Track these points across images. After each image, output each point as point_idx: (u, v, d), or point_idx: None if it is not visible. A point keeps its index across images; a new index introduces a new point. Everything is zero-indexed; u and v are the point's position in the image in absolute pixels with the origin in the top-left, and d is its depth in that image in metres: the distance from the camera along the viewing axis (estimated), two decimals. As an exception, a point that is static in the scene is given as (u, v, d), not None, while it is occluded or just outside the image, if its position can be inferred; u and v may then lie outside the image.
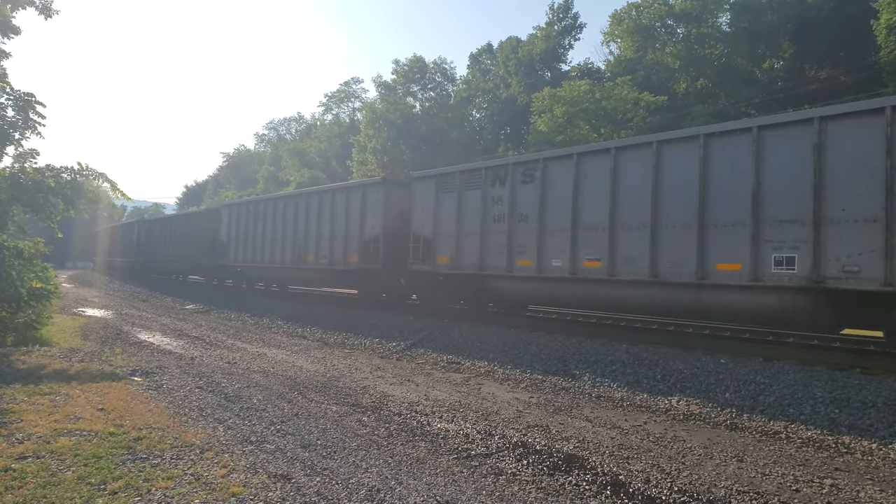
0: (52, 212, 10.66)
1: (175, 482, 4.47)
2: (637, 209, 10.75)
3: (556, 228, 12.07)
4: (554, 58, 47.35)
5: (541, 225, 12.34)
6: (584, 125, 33.38)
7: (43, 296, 10.92)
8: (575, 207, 11.72)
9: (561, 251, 11.93)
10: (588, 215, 11.55)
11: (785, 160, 9.02)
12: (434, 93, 49.43)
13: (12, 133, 10.56)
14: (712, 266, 9.67)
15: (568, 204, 11.83)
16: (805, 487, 4.78)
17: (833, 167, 8.50)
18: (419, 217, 15.36)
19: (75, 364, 9.00)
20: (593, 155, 11.75)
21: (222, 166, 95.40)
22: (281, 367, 9.57)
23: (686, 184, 10.07)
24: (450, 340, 11.81)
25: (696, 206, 9.86)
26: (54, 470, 4.62)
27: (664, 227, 10.35)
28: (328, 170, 58.64)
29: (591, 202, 11.53)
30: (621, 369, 9.01)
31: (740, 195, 9.40)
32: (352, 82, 67.55)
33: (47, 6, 11.23)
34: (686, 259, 9.97)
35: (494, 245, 13.29)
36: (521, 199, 12.85)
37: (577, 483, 4.78)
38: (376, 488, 4.50)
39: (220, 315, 17.89)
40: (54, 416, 6.10)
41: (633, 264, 10.74)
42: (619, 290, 11.13)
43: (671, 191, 10.31)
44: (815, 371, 7.93)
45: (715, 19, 39.62)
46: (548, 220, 12.26)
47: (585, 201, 11.62)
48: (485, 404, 7.40)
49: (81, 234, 57.74)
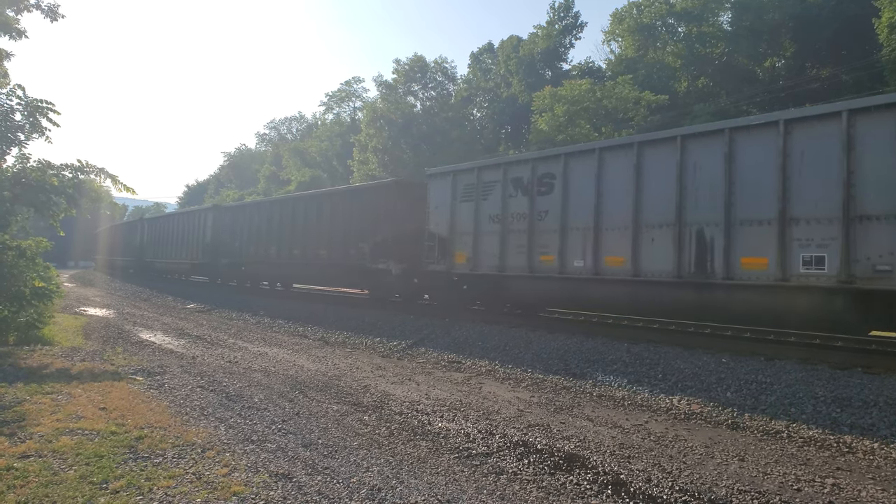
0: (55, 210, 10.69)
1: (177, 481, 4.47)
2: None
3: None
4: (555, 57, 47.30)
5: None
6: (585, 124, 33.36)
7: (45, 295, 10.96)
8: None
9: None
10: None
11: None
12: (435, 92, 49.38)
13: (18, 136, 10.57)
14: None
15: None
16: (806, 487, 4.77)
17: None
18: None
19: (77, 363, 9.01)
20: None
21: (223, 166, 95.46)
22: (282, 366, 9.58)
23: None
24: (451, 340, 11.82)
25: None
26: (56, 469, 4.63)
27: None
28: (329, 169, 58.62)
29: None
30: (622, 368, 9.00)
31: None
32: (353, 81, 67.50)
33: (53, 9, 11.25)
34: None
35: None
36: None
37: (578, 482, 4.78)
38: (377, 487, 4.51)
39: (222, 314, 17.90)
40: (56, 415, 6.11)
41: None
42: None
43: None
44: (816, 370, 7.93)
45: (716, 18, 39.55)
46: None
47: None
48: (486, 403, 7.40)
49: (83, 234, 57.81)
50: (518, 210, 12.95)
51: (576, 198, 11.89)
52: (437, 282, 15.70)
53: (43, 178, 10.34)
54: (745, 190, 9.41)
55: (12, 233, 11.09)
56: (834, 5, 33.02)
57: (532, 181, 12.68)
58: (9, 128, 10.46)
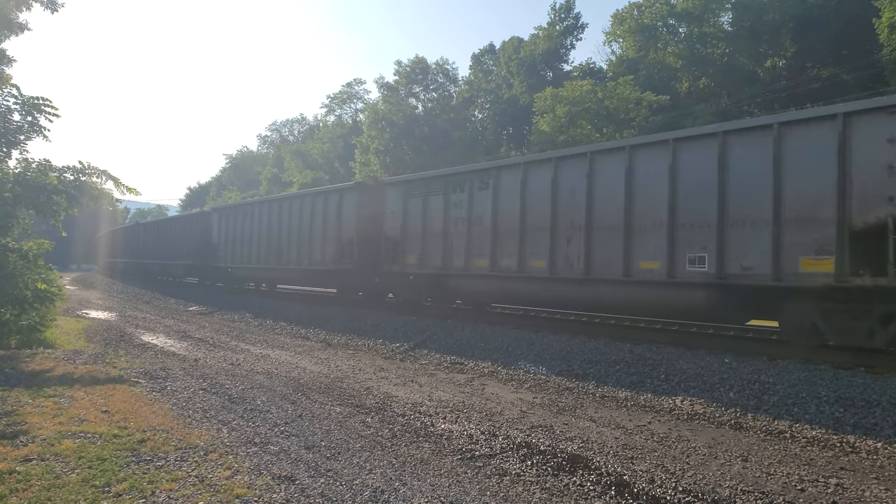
0: (56, 210, 10.69)
1: (179, 484, 4.47)
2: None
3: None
4: (556, 58, 47.30)
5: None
6: (587, 125, 33.36)
7: (47, 298, 10.96)
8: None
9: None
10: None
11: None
12: (436, 93, 49.38)
13: (18, 137, 10.59)
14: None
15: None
16: (810, 487, 4.76)
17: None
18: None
19: (79, 366, 9.02)
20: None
21: (225, 168, 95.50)
22: (284, 368, 9.58)
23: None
24: (453, 341, 11.80)
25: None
26: (59, 472, 4.63)
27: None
28: (331, 171, 58.64)
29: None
30: (625, 369, 8.99)
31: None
32: (354, 83, 67.52)
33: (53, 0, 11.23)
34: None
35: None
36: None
37: (581, 483, 4.77)
38: (380, 489, 4.50)
39: (224, 316, 17.91)
40: (59, 418, 6.11)
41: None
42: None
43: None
44: (819, 370, 7.91)
45: (717, 19, 39.53)
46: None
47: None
48: (488, 405, 7.39)
49: (85, 237, 57.97)
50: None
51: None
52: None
53: (44, 178, 10.35)
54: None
55: (14, 235, 11.09)
56: (834, 5, 32.99)
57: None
58: (8, 129, 10.48)
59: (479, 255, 13.63)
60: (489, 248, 13.33)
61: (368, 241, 16.87)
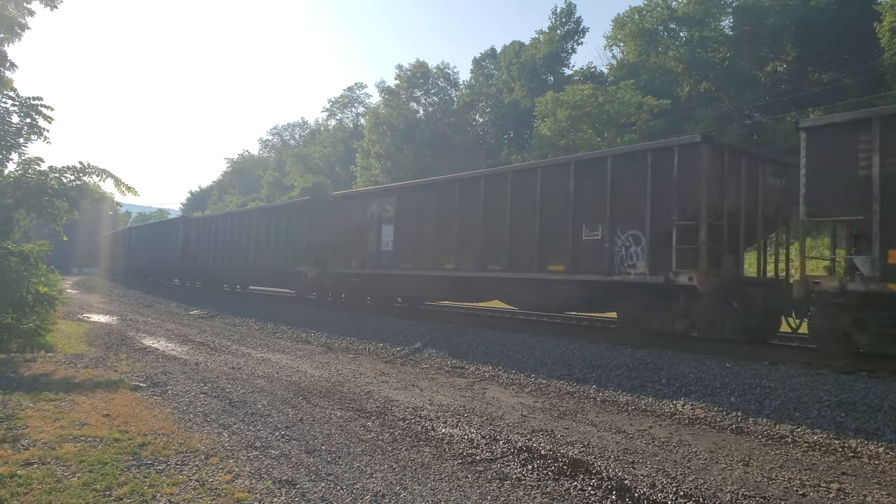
0: (57, 214, 10.69)
1: (180, 488, 4.47)
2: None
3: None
4: (557, 62, 47.44)
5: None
6: (588, 129, 33.43)
7: (48, 301, 10.95)
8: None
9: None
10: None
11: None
12: (437, 98, 49.55)
13: (17, 140, 10.60)
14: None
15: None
16: (811, 492, 4.75)
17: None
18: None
19: (80, 370, 9.02)
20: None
21: (227, 172, 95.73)
22: (285, 372, 9.58)
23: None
24: (454, 345, 11.80)
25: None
26: (60, 476, 4.63)
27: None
28: (332, 175, 58.74)
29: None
30: (626, 373, 8.98)
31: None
32: (355, 87, 67.90)
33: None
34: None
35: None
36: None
37: (582, 488, 4.76)
38: (381, 494, 4.50)
39: (225, 320, 17.92)
40: (59, 422, 6.11)
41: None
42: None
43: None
44: (820, 374, 7.89)
45: (717, 23, 39.61)
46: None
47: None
48: (489, 409, 7.39)
49: (86, 241, 58.06)
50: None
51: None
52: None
53: (44, 181, 10.35)
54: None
55: (15, 239, 11.10)
56: (836, 9, 33.06)
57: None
58: (8, 132, 10.49)
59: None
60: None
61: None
